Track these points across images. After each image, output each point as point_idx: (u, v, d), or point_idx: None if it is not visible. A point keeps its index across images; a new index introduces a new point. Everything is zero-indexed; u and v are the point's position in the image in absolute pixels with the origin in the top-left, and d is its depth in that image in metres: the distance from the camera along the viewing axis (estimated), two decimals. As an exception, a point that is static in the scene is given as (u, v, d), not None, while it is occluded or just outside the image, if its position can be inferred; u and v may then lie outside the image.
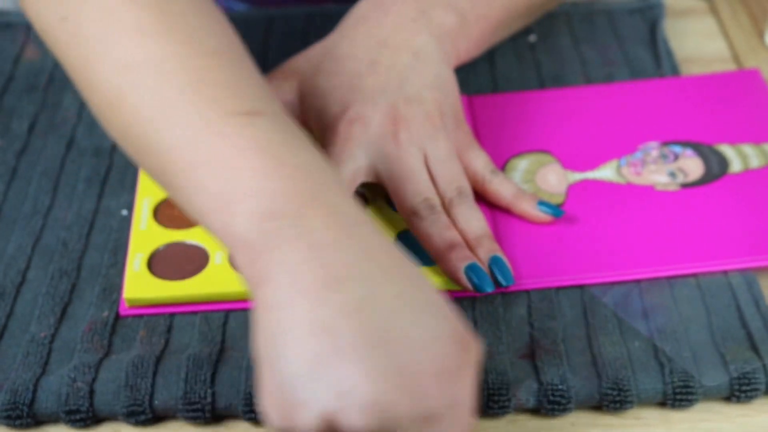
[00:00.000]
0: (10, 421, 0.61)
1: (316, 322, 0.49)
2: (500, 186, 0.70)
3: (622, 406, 0.60)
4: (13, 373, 0.62)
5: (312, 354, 0.49)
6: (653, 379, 0.60)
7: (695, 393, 0.60)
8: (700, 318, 0.64)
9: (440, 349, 0.50)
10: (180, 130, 0.56)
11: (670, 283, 0.66)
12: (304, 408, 0.49)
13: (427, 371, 0.49)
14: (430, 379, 0.49)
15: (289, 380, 0.49)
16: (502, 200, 0.70)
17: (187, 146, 0.55)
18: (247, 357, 0.63)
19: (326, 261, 0.50)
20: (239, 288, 0.66)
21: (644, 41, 0.86)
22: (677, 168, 0.73)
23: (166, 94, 0.57)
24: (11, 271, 0.69)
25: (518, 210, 0.70)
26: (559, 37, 0.87)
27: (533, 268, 0.67)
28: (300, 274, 0.50)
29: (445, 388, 0.49)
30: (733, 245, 0.68)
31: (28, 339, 0.64)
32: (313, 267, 0.50)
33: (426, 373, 0.49)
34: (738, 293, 0.65)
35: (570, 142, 0.76)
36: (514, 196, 0.70)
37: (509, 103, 0.80)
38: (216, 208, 0.53)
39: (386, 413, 0.48)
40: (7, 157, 0.77)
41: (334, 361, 0.48)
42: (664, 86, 0.80)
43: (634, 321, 0.64)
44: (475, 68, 0.83)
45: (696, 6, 0.92)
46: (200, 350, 0.63)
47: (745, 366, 0.61)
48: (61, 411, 0.61)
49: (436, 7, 0.72)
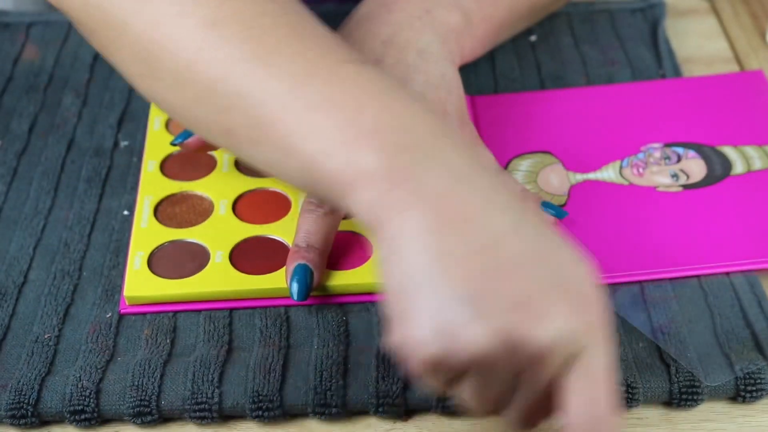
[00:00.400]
0: (15, 420, 0.61)
1: (477, 241, 0.49)
2: None
3: (628, 404, 0.60)
4: (18, 372, 0.62)
5: (480, 270, 0.48)
6: (659, 379, 0.61)
7: (700, 393, 0.60)
8: (703, 319, 0.64)
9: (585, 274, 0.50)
10: (288, 77, 0.54)
11: (673, 283, 0.66)
12: (475, 325, 0.48)
13: (587, 290, 0.50)
14: (592, 291, 0.50)
15: (453, 300, 0.48)
16: None
17: (297, 91, 0.54)
18: (254, 356, 0.63)
19: (474, 187, 0.51)
20: (239, 286, 0.66)
21: (645, 41, 0.86)
22: (679, 169, 0.73)
23: (267, 42, 0.55)
24: (13, 271, 0.69)
25: None
26: (559, 37, 0.87)
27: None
28: (449, 199, 0.50)
29: (599, 305, 0.50)
30: (736, 247, 0.68)
31: (31, 339, 0.64)
32: (462, 193, 0.50)
33: (587, 290, 0.50)
34: (741, 293, 0.65)
35: (572, 143, 0.76)
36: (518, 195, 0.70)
37: (512, 103, 0.80)
38: (337, 148, 0.52)
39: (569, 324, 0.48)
40: (7, 158, 0.77)
41: (505, 275, 0.48)
42: (667, 87, 0.80)
43: (637, 322, 0.64)
44: (476, 68, 0.83)
45: (697, 6, 0.92)
46: (207, 351, 0.63)
47: (750, 366, 0.61)
48: (66, 411, 0.61)
49: (441, 6, 0.72)
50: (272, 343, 0.64)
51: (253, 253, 0.68)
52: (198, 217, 0.71)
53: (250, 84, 0.55)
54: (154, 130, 0.77)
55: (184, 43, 0.57)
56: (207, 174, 0.74)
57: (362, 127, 0.52)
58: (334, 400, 0.61)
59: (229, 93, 0.56)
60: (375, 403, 0.61)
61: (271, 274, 0.66)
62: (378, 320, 0.65)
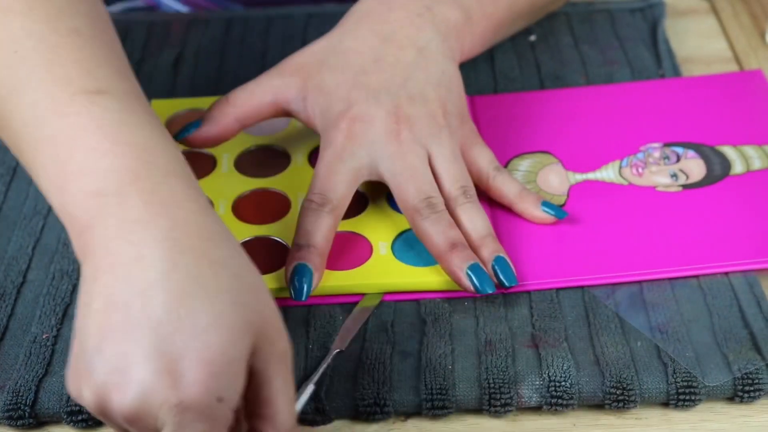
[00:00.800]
0: (12, 421, 0.61)
1: (112, 297, 0.50)
2: (503, 184, 0.70)
3: (625, 405, 0.60)
4: (15, 373, 0.62)
5: (103, 328, 0.50)
6: (657, 379, 0.60)
7: (699, 393, 0.60)
8: (702, 318, 0.64)
9: (214, 336, 0.49)
10: (30, 109, 0.57)
11: (672, 283, 0.66)
12: (86, 380, 0.50)
13: (194, 357, 0.49)
14: (195, 367, 0.49)
15: (83, 350, 0.50)
16: (504, 198, 0.70)
17: (34, 125, 0.56)
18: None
19: (134, 238, 0.51)
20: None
21: (645, 41, 0.86)
22: (679, 169, 0.73)
23: (20, 73, 0.58)
24: (12, 271, 0.69)
25: (520, 209, 0.70)
26: (559, 37, 0.87)
27: (534, 269, 0.67)
28: (110, 250, 0.51)
29: (207, 377, 0.49)
30: (735, 247, 0.68)
31: (29, 340, 0.64)
32: (122, 244, 0.51)
33: (192, 360, 0.49)
34: (740, 294, 0.65)
35: (572, 143, 0.76)
36: (517, 196, 0.70)
37: (512, 103, 0.80)
38: (54, 188, 0.55)
39: (147, 396, 0.49)
40: (7, 157, 0.77)
41: (118, 337, 0.49)
42: (667, 87, 0.80)
43: (636, 322, 0.64)
44: (475, 67, 0.83)
45: (697, 6, 0.92)
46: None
47: (748, 366, 0.61)
48: (63, 412, 0.61)
49: (441, 3, 0.72)
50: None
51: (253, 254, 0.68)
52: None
53: (6, 110, 0.58)
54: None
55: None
56: (207, 174, 0.74)
57: (71, 170, 0.54)
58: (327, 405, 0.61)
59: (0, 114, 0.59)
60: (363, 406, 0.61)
61: (271, 274, 0.66)
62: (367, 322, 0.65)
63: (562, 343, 0.63)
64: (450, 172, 0.68)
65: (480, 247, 0.66)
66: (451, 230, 0.66)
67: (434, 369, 0.61)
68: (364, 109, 0.68)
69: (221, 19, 0.90)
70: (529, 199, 0.70)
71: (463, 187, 0.68)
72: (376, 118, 0.67)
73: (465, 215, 0.67)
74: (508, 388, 0.60)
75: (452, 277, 0.65)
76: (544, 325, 0.64)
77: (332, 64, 0.70)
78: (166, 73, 0.85)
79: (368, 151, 0.67)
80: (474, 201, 0.68)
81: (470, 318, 0.65)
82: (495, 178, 0.70)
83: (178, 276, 0.50)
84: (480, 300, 0.66)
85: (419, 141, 0.67)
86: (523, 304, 0.66)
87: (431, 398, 0.60)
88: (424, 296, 0.66)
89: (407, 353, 0.63)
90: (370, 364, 0.62)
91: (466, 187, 0.68)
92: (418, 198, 0.66)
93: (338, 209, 0.66)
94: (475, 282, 0.64)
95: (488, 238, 0.67)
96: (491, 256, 0.66)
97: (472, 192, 0.68)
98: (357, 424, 0.61)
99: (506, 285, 0.65)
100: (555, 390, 0.60)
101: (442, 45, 0.71)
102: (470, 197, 0.68)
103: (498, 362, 0.62)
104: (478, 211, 0.67)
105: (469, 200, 0.67)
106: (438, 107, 0.69)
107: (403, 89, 0.69)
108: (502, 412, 0.61)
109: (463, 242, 0.66)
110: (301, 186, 0.71)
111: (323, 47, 0.71)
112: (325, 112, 0.69)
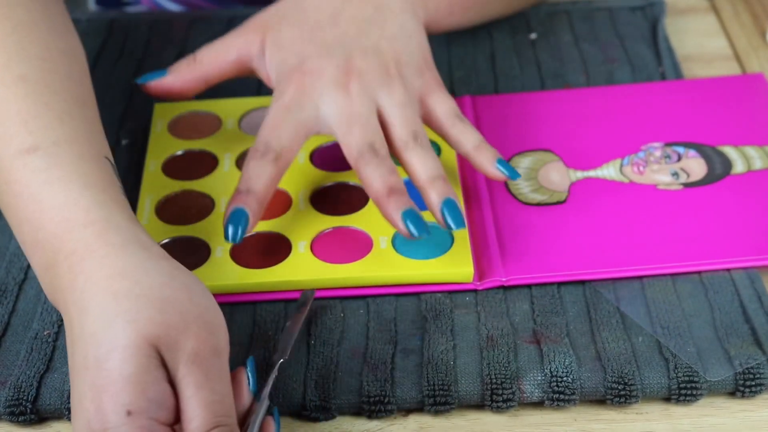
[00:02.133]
0: (14, 417, 0.61)
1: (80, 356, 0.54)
2: (462, 134, 0.69)
3: (627, 400, 0.60)
4: (17, 369, 0.62)
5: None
6: (658, 374, 0.61)
7: (700, 388, 0.60)
8: (703, 314, 0.64)
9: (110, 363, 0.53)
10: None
11: (673, 279, 0.66)
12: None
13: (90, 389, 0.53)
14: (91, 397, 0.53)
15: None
16: (461, 148, 0.69)
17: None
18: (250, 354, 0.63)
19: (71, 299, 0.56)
20: (240, 280, 0.66)
21: (645, 38, 0.86)
22: (680, 168, 0.73)
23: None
24: (13, 268, 0.69)
25: (475, 162, 0.68)
26: (559, 35, 0.87)
27: (535, 264, 0.67)
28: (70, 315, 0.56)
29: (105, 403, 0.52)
30: (735, 245, 0.68)
31: (31, 336, 0.64)
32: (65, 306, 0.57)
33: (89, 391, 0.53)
34: (741, 289, 0.65)
35: (573, 142, 0.76)
36: (475, 147, 0.69)
37: (513, 103, 0.80)
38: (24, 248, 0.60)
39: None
40: (8, 156, 0.77)
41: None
42: (668, 89, 0.80)
43: (637, 317, 0.64)
44: (476, 66, 0.84)
45: (697, 4, 0.92)
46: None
47: (749, 361, 0.61)
48: (65, 408, 0.61)
49: None
50: (268, 341, 0.64)
51: (254, 248, 0.68)
52: (198, 214, 0.71)
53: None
54: (157, 132, 0.77)
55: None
56: (208, 173, 0.74)
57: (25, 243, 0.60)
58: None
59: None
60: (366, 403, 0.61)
61: (271, 268, 0.67)
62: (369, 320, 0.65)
63: (563, 338, 0.63)
64: (400, 119, 0.67)
65: (429, 189, 0.66)
66: (391, 176, 0.65)
67: (436, 365, 0.62)
68: (316, 63, 0.68)
69: (222, 18, 0.90)
70: (485, 154, 0.69)
71: (414, 131, 0.67)
72: (326, 70, 0.67)
73: (415, 157, 0.66)
74: (509, 384, 0.60)
75: (389, 221, 0.65)
76: (546, 320, 0.64)
77: (291, 21, 0.70)
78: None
79: (317, 103, 0.67)
80: (425, 145, 0.67)
81: (472, 314, 0.65)
82: (454, 126, 0.69)
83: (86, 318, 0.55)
84: (481, 296, 0.66)
85: (367, 91, 0.67)
86: (525, 300, 0.66)
87: (433, 394, 0.60)
88: (425, 289, 0.66)
89: (409, 350, 0.63)
90: (373, 363, 0.62)
91: (416, 132, 0.67)
92: (361, 144, 0.66)
93: (282, 159, 0.66)
94: (409, 225, 0.64)
95: (438, 180, 0.66)
96: (440, 198, 0.65)
97: (423, 136, 0.67)
98: (358, 420, 0.61)
99: (453, 228, 0.65)
100: (557, 385, 0.60)
101: (402, 1, 0.71)
102: (421, 141, 0.67)
103: (500, 358, 0.62)
104: (429, 154, 0.67)
105: (419, 144, 0.67)
106: (390, 59, 0.69)
107: (356, 43, 0.69)
108: (504, 407, 0.61)
109: (402, 188, 0.65)
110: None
111: (286, 4, 0.72)
112: (279, 66, 0.69)
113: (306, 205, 0.71)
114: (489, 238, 0.69)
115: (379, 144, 0.66)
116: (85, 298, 0.55)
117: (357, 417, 0.61)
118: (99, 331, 0.53)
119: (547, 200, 0.72)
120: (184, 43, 0.87)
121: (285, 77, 0.68)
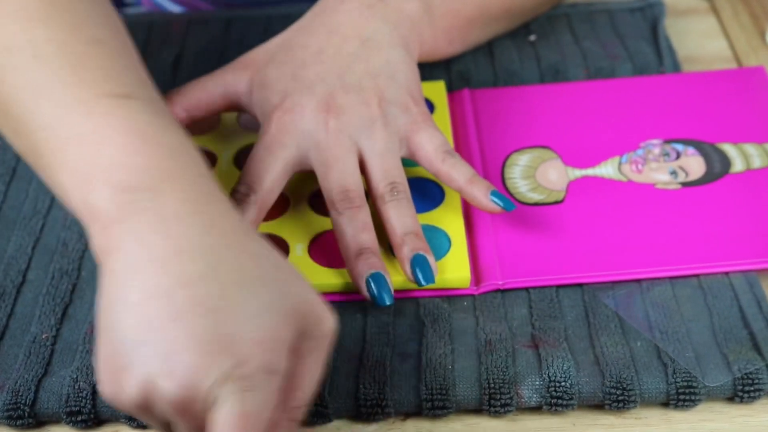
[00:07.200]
0: (12, 421, 0.61)
1: (154, 288, 0.50)
2: (453, 169, 0.68)
3: (625, 405, 0.60)
4: (15, 373, 0.62)
5: (145, 318, 0.50)
6: (656, 379, 0.60)
7: (698, 393, 0.60)
8: (702, 318, 0.64)
9: (266, 319, 0.50)
10: (52, 109, 0.57)
11: (672, 283, 0.66)
12: (129, 372, 0.50)
13: (248, 338, 0.50)
14: (250, 346, 0.50)
15: (121, 344, 0.50)
16: (453, 183, 0.68)
17: (58, 125, 0.56)
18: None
19: (173, 233, 0.52)
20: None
21: (646, 38, 0.85)
22: (678, 166, 0.73)
23: (40, 76, 0.58)
24: (12, 271, 0.69)
25: (469, 196, 0.68)
26: (560, 36, 0.86)
27: (532, 267, 0.67)
28: (147, 244, 0.52)
29: (261, 353, 0.50)
30: (735, 247, 0.68)
31: (29, 339, 0.64)
32: (160, 238, 0.52)
33: (246, 339, 0.50)
34: (740, 294, 0.65)
35: (571, 138, 0.76)
36: (468, 181, 0.68)
37: (511, 97, 0.80)
38: (78, 182, 0.55)
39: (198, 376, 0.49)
40: (6, 157, 0.77)
41: (165, 325, 0.49)
42: (667, 83, 0.80)
43: (635, 322, 0.64)
44: (476, 61, 0.83)
45: (697, 5, 0.92)
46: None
47: (748, 366, 0.61)
48: (63, 412, 0.61)
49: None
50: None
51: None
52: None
53: (25, 113, 0.58)
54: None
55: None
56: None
57: (99, 165, 0.54)
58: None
59: (17, 118, 0.58)
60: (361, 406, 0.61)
61: None
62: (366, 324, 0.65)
63: (561, 343, 0.63)
64: (380, 167, 0.67)
65: (401, 244, 0.65)
66: (363, 233, 0.65)
67: (434, 369, 0.61)
68: (297, 101, 0.68)
69: (221, 19, 0.90)
70: (479, 187, 0.68)
71: (392, 183, 0.67)
72: (307, 108, 0.67)
73: (392, 211, 0.66)
74: (508, 388, 0.60)
75: (354, 283, 0.65)
76: (544, 325, 0.64)
77: (277, 59, 0.70)
78: (166, 73, 0.84)
79: (297, 141, 0.67)
80: (402, 198, 0.67)
81: (470, 318, 0.65)
82: (444, 162, 0.68)
83: (225, 268, 0.51)
84: (479, 300, 0.66)
85: (347, 131, 0.67)
86: (523, 304, 0.66)
87: (431, 398, 0.60)
88: (423, 294, 0.66)
89: (407, 354, 0.63)
90: (371, 366, 0.62)
91: (395, 183, 0.67)
92: (336, 190, 0.66)
93: (264, 200, 0.66)
94: (373, 290, 0.64)
95: (410, 235, 0.65)
96: (410, 254, 0.65)
97: (403, 188, 0.67)
98: (355, 424, 0.61)
99: (422, 284, 0.65)
100: (555, 390, 0.60)
101: (391, 34, 0.71)
102: (399, 194, 0.66)
103: (498, 362, 0.62)
104: (406, 208, 0.66)
105: (395, 197, 0.66)
106: (373, 96, 0.68)
107: (339, 80, 0.68)
108: (502, 412, 0.61)
109: (372, 248, 0.65)
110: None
111: (277, 43, 0.72)
112: (263, 104, 0.69)
113: (304, 207, 0.71)
114: (486, 241, 0.69)
115: (354, 191, 0.66)
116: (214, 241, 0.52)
117: (354, 421, 0.61)
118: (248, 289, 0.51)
119: (544, 200, 0.72)
120: (182, 44, 0.87)
121: (267, 116, 0.68)
